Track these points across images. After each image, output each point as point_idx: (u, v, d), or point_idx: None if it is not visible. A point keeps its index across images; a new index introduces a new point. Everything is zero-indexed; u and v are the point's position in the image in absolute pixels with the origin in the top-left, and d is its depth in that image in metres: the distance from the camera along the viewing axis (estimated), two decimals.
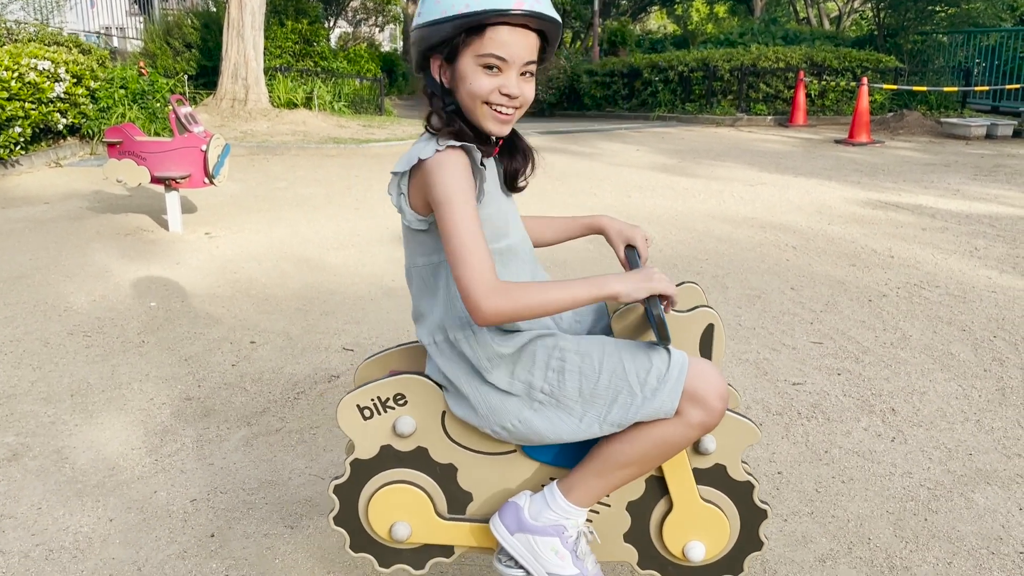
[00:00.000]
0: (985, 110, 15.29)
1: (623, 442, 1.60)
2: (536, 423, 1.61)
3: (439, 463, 1.73)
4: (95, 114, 10.17)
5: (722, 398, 1.56)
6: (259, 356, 3.64)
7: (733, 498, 1.72)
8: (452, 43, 1.54)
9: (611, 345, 1.62)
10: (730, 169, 9.14)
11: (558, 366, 1.61)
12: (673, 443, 1.59)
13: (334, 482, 1.75)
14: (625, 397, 1.56)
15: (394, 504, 1.73)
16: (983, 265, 5.06)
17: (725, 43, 18.38)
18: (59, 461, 2.75)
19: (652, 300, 1.53)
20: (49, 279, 4.79)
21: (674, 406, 1.55)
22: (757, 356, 3.63)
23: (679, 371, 1.55)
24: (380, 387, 1.69)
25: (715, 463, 1.70)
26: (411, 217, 1.61)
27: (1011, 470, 2.68)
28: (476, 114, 1.59)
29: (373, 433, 1.71)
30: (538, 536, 1.65)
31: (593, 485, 1.63)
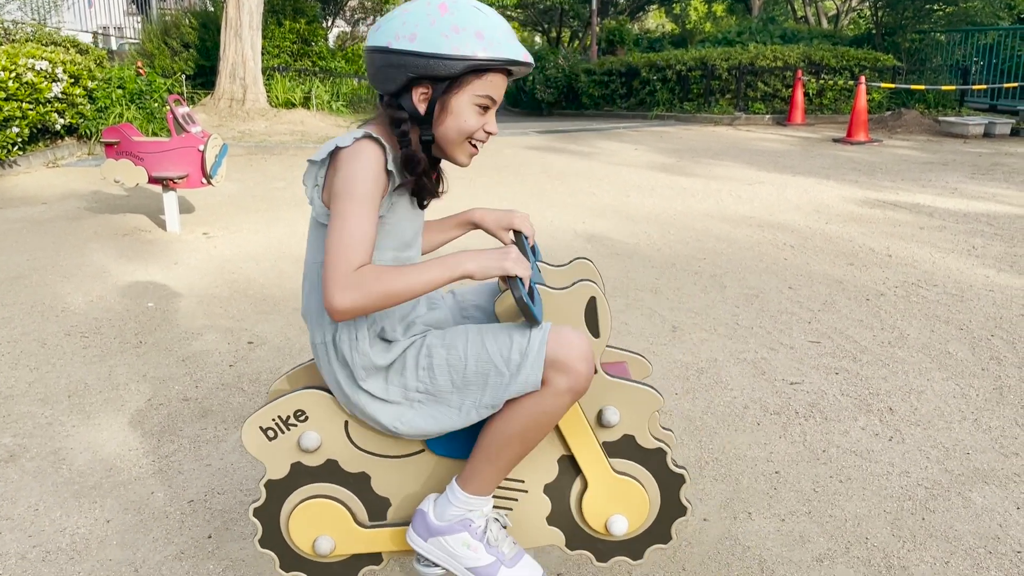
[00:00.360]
0: (983, 109, 15.30)
1: (500, 422, 1.62)
2: (418, 421, 1.63)
3: (351, 473, 1.73)
4: (93, 114, 10.17)
5: (585, 360, 1.57)
6: (257, 357, 3.64)
7: (647, 467, 1.73)
8: (452, 78, 1.55)
9: (474, 331, 1.64)
10: (728, 168, 9.14)
11: (427, 363, 1.63)
12: (547, 412, 1.60)
13: (253, 505, 1.75)
14: (494, 378, 1.59)
15: (313, 519, 1.73)
16: (981, 264, 5.06)
17: (723, 42, 18.39)
18: (56, 462, 2.75)
19: (513, 282, 1.53)
20: (47, 279, 4.79)
21: (538, 378, 1.56)
22: (755, 355, 3.63)
23: (539, 343, 1.57)
24: (279, 406, 1.68)
25: (623, 434, 1.71)
26: (320, 211, 1.60)
27: (1008, 469, 2.68)
28: (454, 148, 1.63)
29: (280, 452, 1.70)
30: (447, 535, 1.67)
31: (486, 471, 1.65)
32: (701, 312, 4.21)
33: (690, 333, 3.91)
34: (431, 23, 1.53)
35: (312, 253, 1.67)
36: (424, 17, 1.53)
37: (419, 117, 1.60)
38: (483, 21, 1.55)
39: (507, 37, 1.58)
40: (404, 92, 1.59)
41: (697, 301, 4.39)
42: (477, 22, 1.54)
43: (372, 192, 1.53)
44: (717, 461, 2.74)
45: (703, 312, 4.21)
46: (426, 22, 1.53)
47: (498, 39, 1.55)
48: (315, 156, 1.59)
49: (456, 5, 1.55)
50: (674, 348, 3.72)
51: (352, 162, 1.52)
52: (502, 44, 1.56)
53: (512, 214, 1.92)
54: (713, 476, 2.64)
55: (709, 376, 3.41)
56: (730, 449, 2.82)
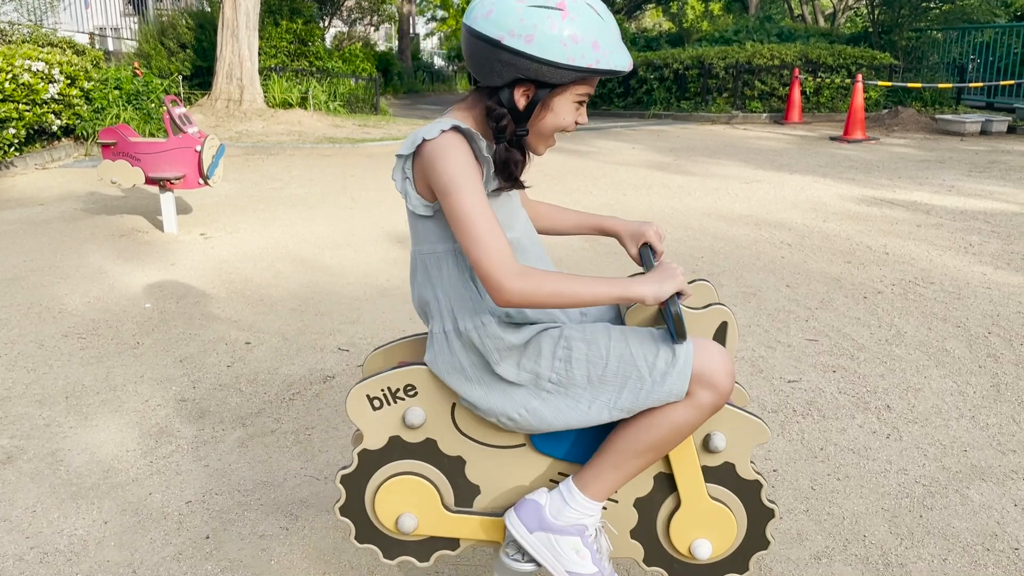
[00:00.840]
0: (980, 106, 15.31)
1: (636, 430, 1.59)
2: (543, 412, 1.60)
3: (448, 455, 1.72)
4: (89, 115, 10.15)
5: (730, 375, 1.57)
6: (254, 357, 3.64)
7: (741, 497, 1.72)
8: (561, 82, 1.54)
9: (617, 332, 1.62)
10: (725, 167, 9.15)
11: (564, 355, 1.60)
12: (685, 425, 1.58)
13: (341, 472, 1.74)
14: (634, 383, 1.56)
15: (401, 495, 1.72)
16: (978, 261, 5.06)
17: (720, 41, 18.38)
18: (54, 464, 2.75)
19: (671, 297, 1.54)
20: (44, 281, 4.78)
21: (684, 388, 1.55)
22: (752, 354, 3.63)
23: (686, 354, 1.56)
24: (390, 377, 1.68)
25: (724, 461, 1.69)
26: (416, 202, 1.59)
27: (1006, 466, 2.68)
28: (542, 142, 1.64)
29: (382, 423, 1.70)
30: (560, 535, 1.65)
31: (609, 477, 1.63)
32: None
33: None
34: (551, 27, 1.48)
35: (416, 244, 1.66)
36: (544, 19, 1.49)
37: (517, 114, 1.58)
38: (600, 29, 1.53)
39: (618, 45, 1.57)
40: (506, 87, 1.56)
41: None
42: (595, 31, 1.52)
43: (476, 179, 1.51)
44: None
45: None
46: (546, 24, 1.48)
47: (611, 48, 1.54)
48: (401, 150, 1.58)
49: (575, 8, 1.51)
50: None
51: (447, 155, 1.50)
52: (614, 54, 1.55)
53: (647, 226, 1.89)
54: None
55: None
56: None
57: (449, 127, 1.52)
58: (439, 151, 1.51)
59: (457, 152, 1.51)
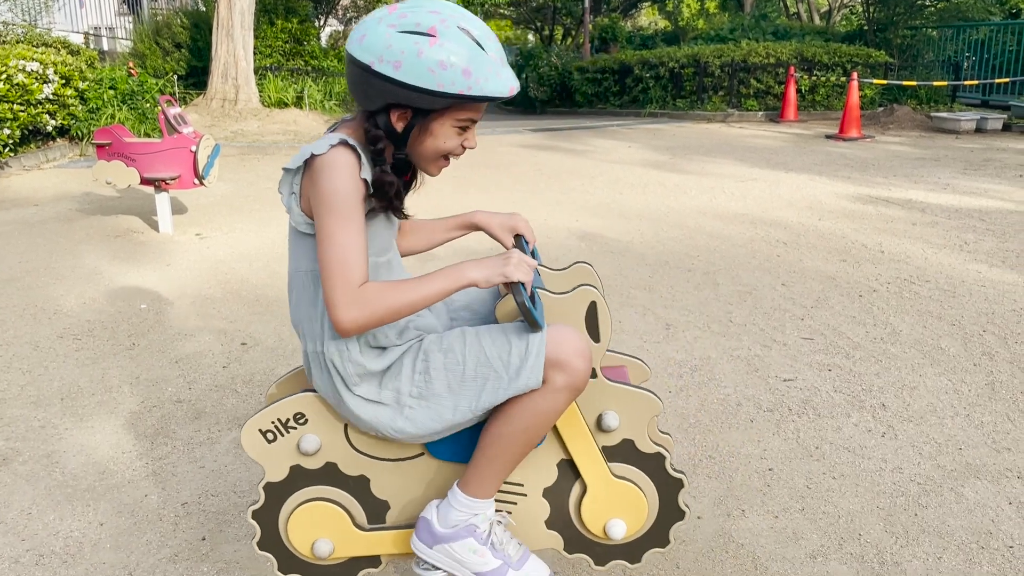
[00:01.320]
0: (975, 104, 15.34)
1: (500, 423, 1.61)
2: (410, 428, 1.62)
3: (350, 476, 1.73)
4: (84, 115, 10.13)
5: (582, 356, 1.57)
6: (250, 358, 3.64)
7: (646, 471, 1.73)
8: (435, 107, 1.53)
9: (472, 335, 1.63)
10: (721, 165, 9.15)
11: (423, 367, 1.62)
12: (547, 411, 1.60)
13: (251, 508, 1.75)
14: (493, 382, 1.58)
15: (312, 522, 1.73)
16: (973, 259, 5.08)
17: (715, 39, 18.38)
18: (49, 465, 2.74)
19: (515, 286, 1.54)
20: (39, 282, 4.77)
21: (539, 377, 1.56)
22: (748, 352, 3.63)
23: (538, 344, 1.57)
24: (278, 408, 1.68)
25: (622, 439, 1.71)
26: (299, 219, 1.59)
27: (1000, 464, 2.69)
28: (428, 163, 1.63)
29: (279, 455, 1.71)
30: (453, 542, 1.67)
31: (487, 473, 1.65)
32: (694, 309, 4.21)
33: (683, 331, 3.91)
34: (418, 53, 1.47)
35: (295, 261, 1.65)
36: (412, 45, 1.48)
37: (395, 137, 1.58)
38: (472, 54, 1.50)
39: (495, 70, 1.53)
40: (381, 112, 1.56)
41: (690, 298, 4.39)
42: (465, 57, 1.49)
43: (355, 202, 1.51)
44: (711, 458, 2.74)
45: (696, 309, 4.21)
46: (413, 51, 1.47)
47: (486, 75, 1.51)
48: (290, 164, 1.56)
49: (446, 34, 1.49)
50: (668, 346, 3.72)
51: (329, 173, 1.50)
52: (489, 80, 1.51)
53: (514, 217, 1.91)
54: (707, 473, 2.65)
55: (703, 373, 3.42)
56: (724, 446, 2.82)
57: (338, 142, 1.52)
58: (325, 167, 1.51)
59: (341, 170, 1.51)
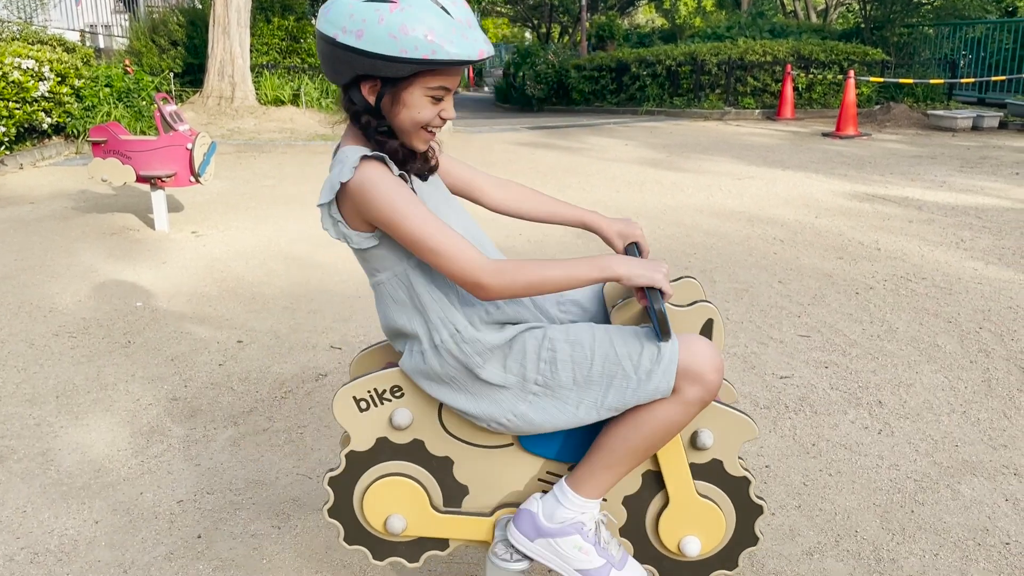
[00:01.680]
0: (971, 102, 15.36)
1: (625, 428, 1.59)
2: (532, 415, 1.60)
3: (435, 456, 1.72)
4: (80, 113, 10.11)
5: (717, 370, 1.56)
6: (246, 355, 3.63)
7: (729, 493, 1.72)
8: (401, 75, 1.51)
9: (600, 331, 1.62)
10: (718, 163, 9.15)
11: (549, 356, 1.60)
12: (674, 422, 1.58)
13: (329, 474, 1.74)
14: (620, 381, 1.56)
15: (389, 497, 1.72)
16: (969, 257, 5.08)
17: (713, 37, 18.39)
18: (44, 463, 2.74)
19: (654, 293, 1.53)
20: (34, 279, 4.76)
21: (670, 385, 1.54)
22: (745, 350, 3.63)
23: (672, 350, 1.55)
24: (377, 379, 1.68)
25: (712, 458, 1.70)
26: (357, 239, 1.59)
27: (997, 461, 2.69)
28: (411, 137, 1.60)
29: (369, 425, 1.70)
30: (558, 537, 1.65)
31: (602, 476, 1.63)
32: None
33: None
34: (379, 20, 1.45)
35: (373, 275, 1.65)
36: (373, 12, 1.46)
37: (371, 110, 1.57)
38: (436, 19, 1.47)
39: (461, 33, 1.49)
40: (353, 85, 1.56)
41: None
42: (428, 20, 1.46)
43: (409, 198, 1.51)
44: None
45: None
46: (374, 18, 1.45)
47: (451, 38, 1.47)
48: (321, 199, 1.57)
49: (410, 0, 1.47)
50: None
51: (372, 191, 1.50)
52: (454, 43, 1.47)
53: (631, 225, 1.88)
54: None
55: None
56: None
57: (359, 162, 1.52)
58: (364, 187, 1.51)
59: (380, 181, 1.51)
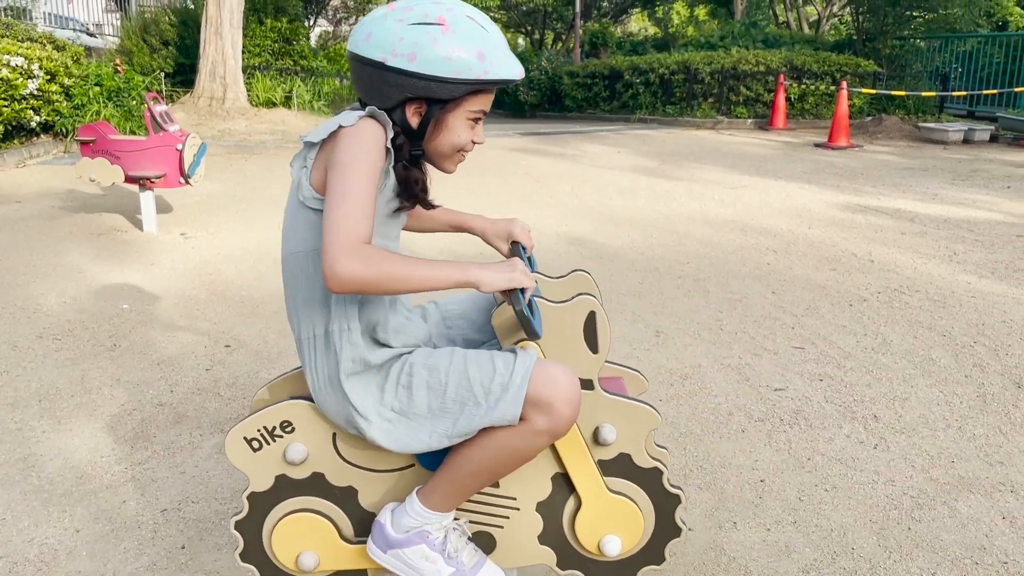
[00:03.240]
0: (962, 115, 15.43)
1: (471, 449, 1.58)
2: (384, 442, 1.58)
3: (337, 487, 1.68)
4: (69, 111, 10.01)
5: (569, 402, 1.52)
6: (234, 360, 3.57)
7: (643, 486, 1.69)
8: (450, 98, 1.53)
9: (459, 355, 1.59)
10: (711, 172, 9.14)
11: (407, 381, 1.58)
12: (520, 450, 1.55)
13: (234, 519, 1.70)
14: (471, 408, 1.54)
15: (297, 534, 1.68)
16: (962, 270, 5.07)
17: (706, 46, 18.43)
18: (25, 469, 2.67)
19: (514, 294, 1.50)
20: (19, 280, 4.68)
21: (516, 413, 1.51)
22: (739, 361, 3.60)
23: (522, 377, 1.52)
24: (265, 416, 1.63)
25: (619, 452, 1.67)
26: (307, 193, 1.54)
27: (993, 478, 2.66)
28: (444, 160, 1.62)
29: (265, 464, 1.65)
30: (405, 548, 1.63)
31: (448, 492, 1.61)
32: (684, 317, 4.18)
33: (674, 338, 3.87)
34: (432, 42, 1.48)
35: (294, 242, 1.58)
36: (424, 35, 1.49)
37: (412, 132, 1.58)
38: (483, 39, 1.53)
39: (505, 54, 1.56)
40: (398, 108, 1.56)
41: (680, 305, 4.36)
42: (477, 41, 1.52)
43: (374, 168, 1.47)
44: (702, 469, 2.71)
45: (686, 317, 4.18)
46: (426, 41, 1.48)
47: (498, 58, 1.54)
48: (311, 136, 1.53)
49: (456, 21, 1.51)
50: (658, 353, 3.68)
51: (356, 137, 1.47)
52: (502, 64, 1.54)
53: (512, 223, 1.89)
54: (698, 484, 2.61)
55: (693, 382, 3.38)
56: (715, 457, 2.78)
57: (366, 113, 1.51)
58: (352, 134, 1.48)
59: (368, 136, 1.48)
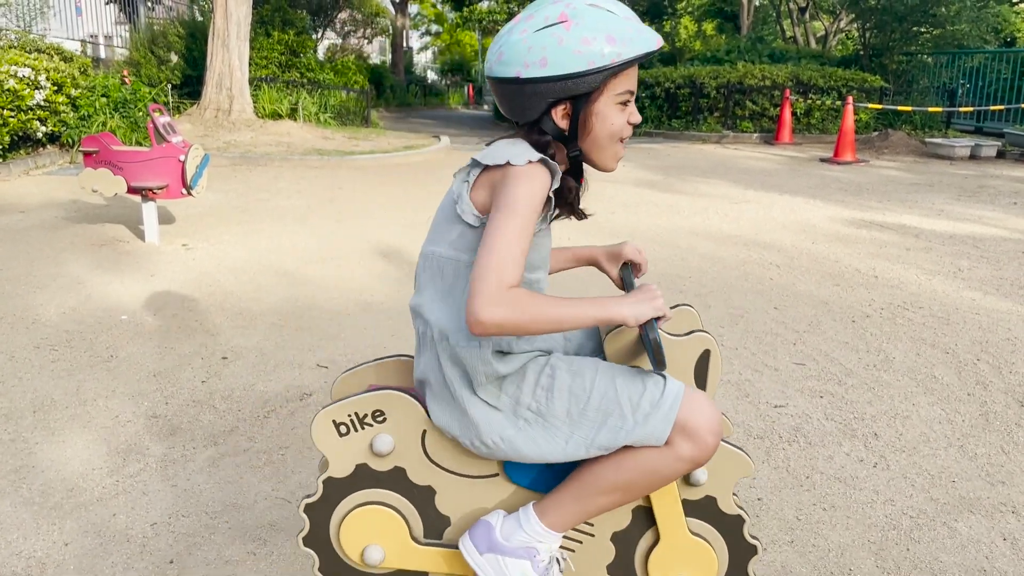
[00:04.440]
0: (969, 131, 15.39)
1: (608, 466, 1.52)
2: (519, 443, 1.53)
3: (417, 485, 1.64)
4: (75, 122, 10.06)
5: (715, 434, 1.50)
6: (230, 372, 3.55)
7: (722, 532, 1.65)
8: (593, 87, 1.50)
9: (605, 366, 1.56)
10: (715, 186, 9.12)
11: (547, 383, 1.54)
12: (660, 474, 1.51)
13: (305, 501, 1.66)
14: (615, 420, 1.50)
15: (368, 526, 1.64)
16: (967, 287, 5.03)
17: (712, 60, 18.45)
18: (16, 481, 2.65)
19: (649, 323, 1.47)
20: (19, 290, 4.68)
21: (666, 433, 1.48)
22: (739, 377, 3.57)
23: (674, 399, 1.49)
24: (358, 402, 1.59)
25: (705, 495, 1.63)
26: (467, 208, 1.53)
27: (995, 498, 2.62)
28: (604, 154, 1.58)
29: (349, 450, 1.62)
30: (508, 557, 1.57)
31: (570, 510, 1.56)
32: None
33: None
34: (559, 42, 1.47)
35: (447, 247, 1.57)
36: (550, 37, 1.47)
37: (564, 136, 1.55)
38: (608, 22, 1.49)
39: (636, 29, 1.51)
40: (545, 116, 1.54)
41: None
42: (603, 26, 1.48)
43: (535, 213, 1.46)
44: None
45: None
46: (553, 42, 1.47)
47: (629, 37, 1.49)
48: (482, 158, 1.52)
49: (577, 14, 1.48)
50: None
51: (526, 183, 1.46)
52: (634, 40, 1.49)
53: (625, 246, 1.85)
54: None
55: None
56: None
57: (538, 159, 1.48)
58: (522, 176, 1.47)
59: (536, 183, 1.47)
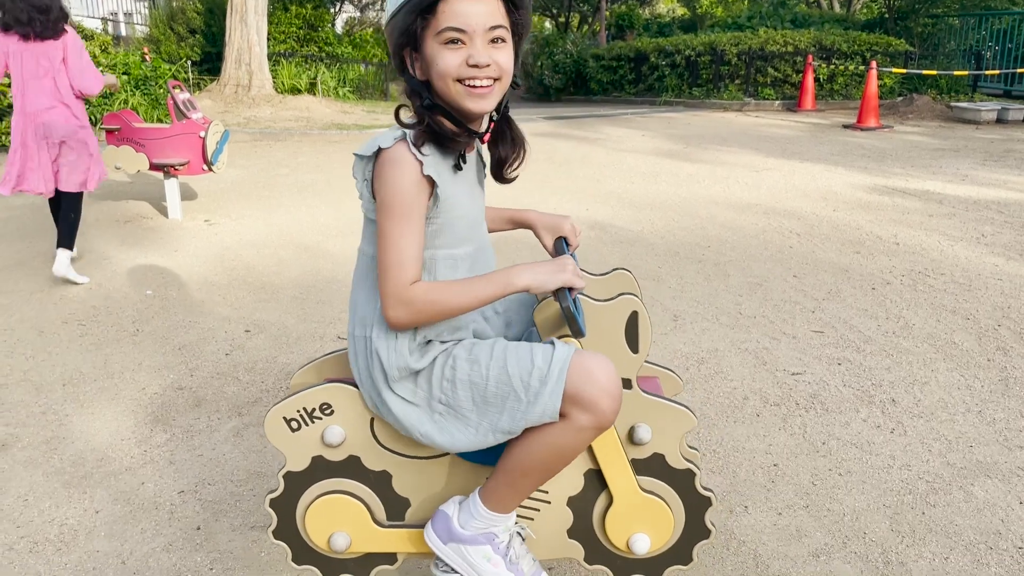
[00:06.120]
0: (996, 94, 15.09)
1: (521, 449, 1.57)
2: (435, 436, 1.58)
3: (373, 471, 1.70)
4: (97, 100, 10.13)
5: (611, 396, 1.49)
6: (253, 345, 3.61)
7: (675, 487, 1.69)
8: (412, 30, 1.49)
9: (499, 349, 1.57)
10: (736, 154, 9.05)
11: (451, 375, 1.57)
12: (567, 447, 1.54)
13: (269, 496, 1.73)
14: (512, 403, 1.52)
15: (331, 515, 1.71)
16: (990, 252, 4.98)
17: (733, 27, 18.21)
18: (48, 452, 2.73)
19: (561, 292, 1.50)
20: (46, 266, 4.77)
21: (556, 407, 1.49)
22: (757, 345, 3.58)
23: (559, 370, 1.49)
24: (305, 397, 1.65)
25: (653, 452, 1.67)
26: (368, 206, 1.58)
27: (1012, 463, 2.62)
28: (452, 96, 1.52)
29: (302, 445, 1.68)
30: (469, 545, 1.64)
31: (506, 493, 1.61)
32: (703, 301, 4.15)
33: (692, 322, 3.86)
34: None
35: (363, 242, 1.64)
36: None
37: (417, 84, 1.54)
38: None
39: None
40: (402, 65, 1.56)
41: (700, 290, 4.33)
42: None
43: (414, 204, 1.50)
44: (715, 453, 2.70)
45: (705, 301, 4.15)
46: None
47: None
48: (361, 151, 1.54)
49: None
50: (675, 338, 3.67)
51: (391, 172, 1.49)
52: None
53: (564, 220, 1.87)
54: (710, 468, 2.60)
55: (709, 366, 3.37)
56: (728, 441, 2.77)
57: (401, 136, 1.51)
58: (388, 163, 1.50)
59: (402, 168, 1.49)
